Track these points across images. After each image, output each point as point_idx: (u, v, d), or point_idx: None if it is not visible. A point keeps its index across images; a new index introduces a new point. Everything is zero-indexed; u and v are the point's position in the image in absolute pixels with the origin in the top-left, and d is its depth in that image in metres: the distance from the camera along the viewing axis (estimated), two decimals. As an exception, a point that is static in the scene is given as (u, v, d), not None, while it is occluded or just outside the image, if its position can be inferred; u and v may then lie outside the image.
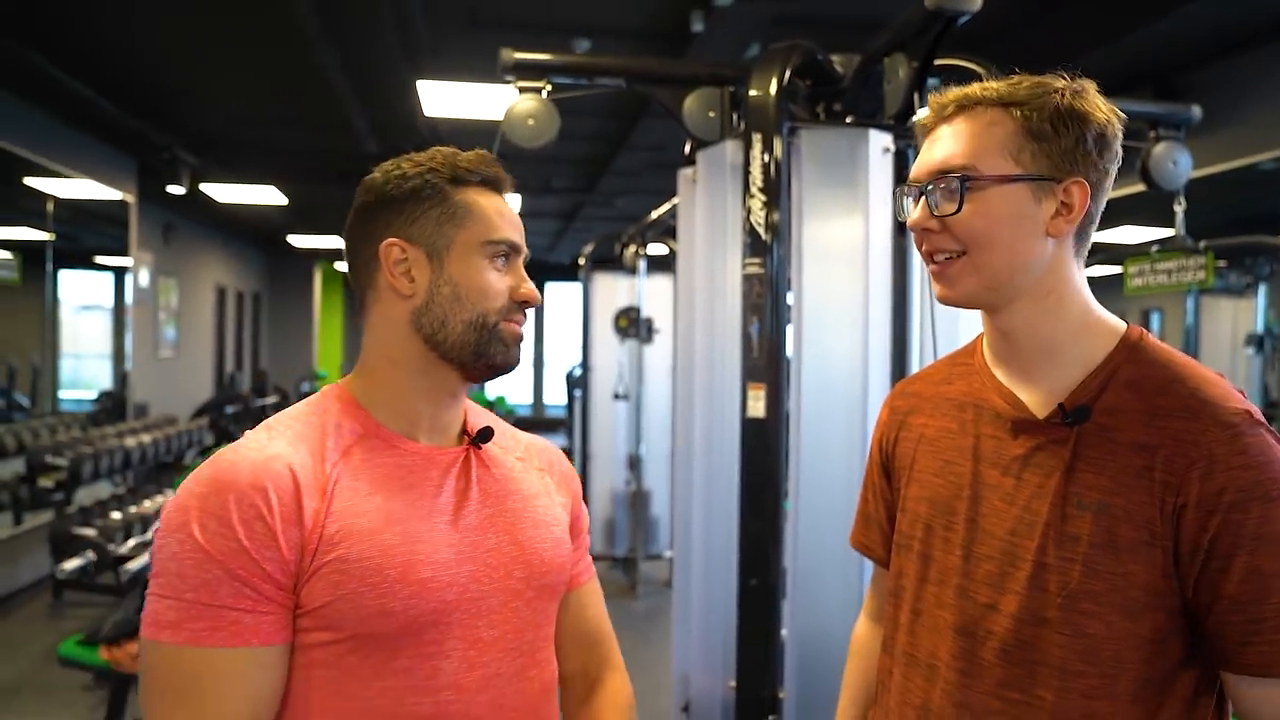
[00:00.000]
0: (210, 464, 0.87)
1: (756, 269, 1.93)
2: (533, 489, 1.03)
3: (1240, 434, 0.85)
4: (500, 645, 0.94)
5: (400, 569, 0.87)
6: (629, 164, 6.59)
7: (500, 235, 0.95)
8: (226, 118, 5.86)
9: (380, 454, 0.93)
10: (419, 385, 0.96)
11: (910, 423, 1.07)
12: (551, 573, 1.00)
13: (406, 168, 0.96)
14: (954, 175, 0.93)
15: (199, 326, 9.74)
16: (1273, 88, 3.85)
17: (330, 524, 0.86)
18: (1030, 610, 0.89)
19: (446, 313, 0.94)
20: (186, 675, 0.82)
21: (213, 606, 0.82)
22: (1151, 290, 3.15)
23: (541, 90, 2.24)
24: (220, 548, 0.82)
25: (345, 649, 0.87)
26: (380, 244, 0.95)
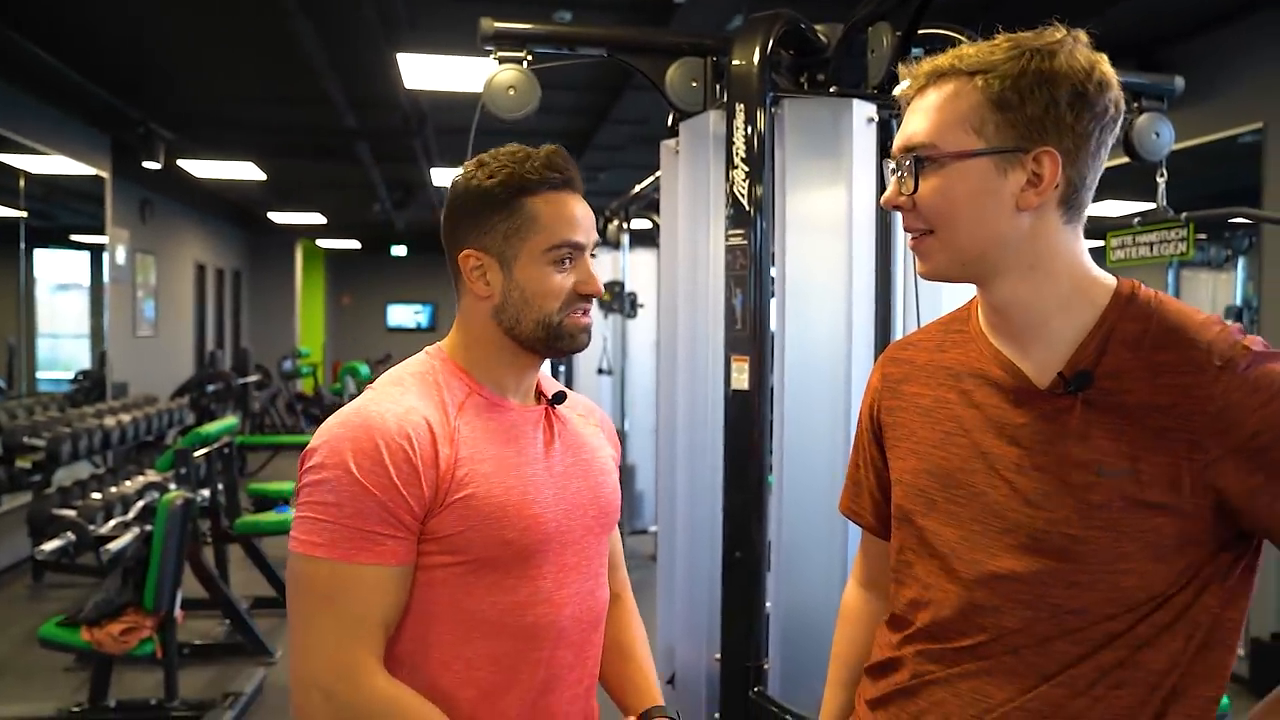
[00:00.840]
0: (357, 413, 1.03)
1: (739, 240, 1.91)
2: (595, 442, 1.22)
3: (1249, 373, 0.84)
4: (579, 570, 1.13)
5: (517, 506, 1.06)
6: (612, 138, 6.54)
7: (559, 239, 1.08)
8: (203, 92, 5.77)
9: (486, 411, 1.10)
10: (505, 359, 1.13)
11: (904, 391, 1.05)
12: (612, 512, 1.20)
13: (481, 177, 1.10)
14: (913, 153, 0.93)
15: (179, 304, 9.64)
16: (1252, 61, 3.85)
17: (460, 468, 1.04)
18: (1060, 576, 0.88)
19: (519, 312, 1.10)
20: (335, 585, 0.99)
21: (364, 530, 0.99)
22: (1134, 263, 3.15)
23: (522, 60, 2.20)
24: (375, 483, 0.99)
25: (465, 570, 1.05)
26: (459, 253, 1.12)
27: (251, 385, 9.10)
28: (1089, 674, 0.88)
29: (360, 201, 9.69)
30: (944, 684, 0.95)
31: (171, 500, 3.26)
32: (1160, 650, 0.87)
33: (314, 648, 1.00)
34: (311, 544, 1.00)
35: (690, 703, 2.17)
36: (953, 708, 0.94)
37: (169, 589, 3.17)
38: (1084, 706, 0.88)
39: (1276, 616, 3.72)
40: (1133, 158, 2.56)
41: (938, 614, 0.96)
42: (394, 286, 15.55)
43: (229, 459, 4.69)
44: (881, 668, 1.04)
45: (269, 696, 3.67)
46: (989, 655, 0.92)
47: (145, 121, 5.82)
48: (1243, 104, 3.89)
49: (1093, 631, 0.88)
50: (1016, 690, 0.90)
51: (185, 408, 6.98)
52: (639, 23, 4.23)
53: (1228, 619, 0.89)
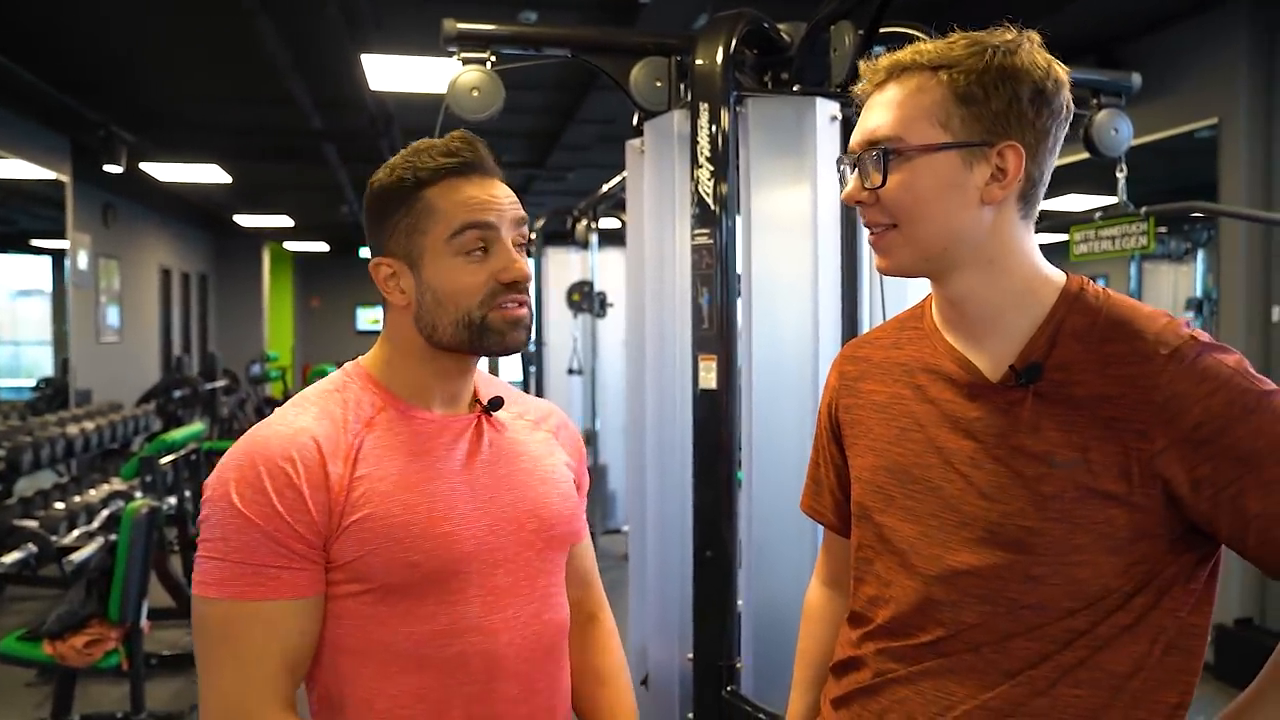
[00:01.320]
0: (245, 439, 0.98)
1: (705, 239, 1.92)
2: (541, 450, 1.12)
3: (1195, 363, 0.85)
4: (516, 591, 1.03)
5: (422, 525, 0.97)
6: (579, 137, 6.53)
7: (459, 224, 0.98)
8: (164, 94, 5.68)
9: (399, 424, 1.02)
10: (430, 368, 1.04)
11: (860, 389, 1.05)
12: (559, 524, 1.09)
13: (381, 176, 1.02)
14: (879, 147, 0.91)
15: (144, 309, 9.50)
16: (1207, 57, 3.92)
17: (355, 488, 0.96)
18: (1017, 570, 0.88)
19: (434, 317, 1.01)
20: (232, 625, 0.93)
21: (254, 565, 0.93)
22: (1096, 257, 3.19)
23: (486, 61, 2.19)
24: (258, 513, 0.93)
25: (374, 598, 0.97)
26: (371, 264, 1.04)
27: (219, 390, 8.99)
28: (1049, 673, 0.88)
29: (327, 204, 9.60)
30: (906, 682, 0.95)
31: (137, 509, 3.21)
32: (1122, 652, 0.87)
33: (215, 693, 0.94)
34: (204, 584, 0.94)
35: (663, 703, 2.17)
36: (915, 706, 0.93)
37: (135, 599, 3.11)
38: (1045, 706, 0.88)
39: (1240, 604, 3.79)
40: (1093, 153, 2.59)
41: (897, 610, 0.96)
42: (363, 289, 15.40)
43: (196, 465, 4.63)
44: (844, 666, 1.04)
45: (240, 706, 3.63)
46: (950, 652, 0.92)
47: (106, 124, 5.73)
48: (1198, 100, 3.95)
49: (1053, 629, 0.88)
50: (978, 688, 0.90)
51: (151, 414, 6.88)
52: (604, 23, 4.22)
53: (1193, 625, 0.89)
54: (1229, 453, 0.83)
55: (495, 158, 1.04)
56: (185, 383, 7.94)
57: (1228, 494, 0.84)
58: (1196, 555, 0.88)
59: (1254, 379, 0.85)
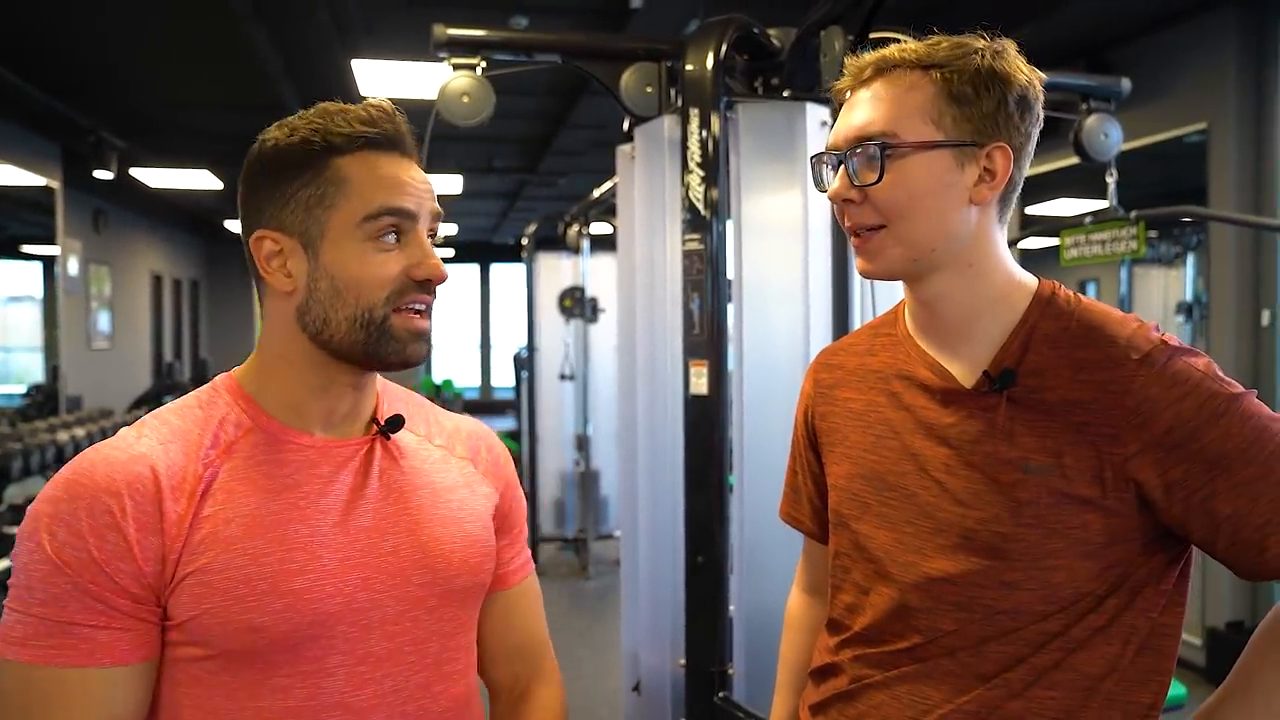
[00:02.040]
0: (69, 466, 0.80)
1: (696, 245, 1.92)
2: (448, 481, 0.94)
3: (1165, 368, 0.85)
4: (398, 659, 0.85)
5: (270, 580, 0.80)
6: (571, 143, 6.53)
7: (379, 205, 0.83)
8: (155, 100, 5.67)
9: (266, 450, 0.84)
10: (311, 381, 0.87)
11: (835, 396, 1.05)
12: (462, 575, 0.90)
13: (277, 134, 0.86)
14: (873, 142, 0.89)
15: (135, 315, 9.46)
16: (1198, 62, 3.94)
17: (196, 530, 0.79)
18: (992, 576, 0.88)
19: (327, 310, 0.84)
20: (35, 696, 0.76)
21: (61, 623, 0.76)
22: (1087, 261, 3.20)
23: (476, 67, 2.19)
24: (69, 559, 0.76)
25: (216, 666, 0.80)
26: (251, 236, 0.86)
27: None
28: (1024, 676, 0.88)
29: (319, 209, 9.58)
30: (882, 687, 0.94)
31: (126, 516, 3.18)
32: (1095, 653, 0.87)
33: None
34: (5, 642, 0.77)
35: (655, 709, 2.17)
36: (891, 710, 0.93)
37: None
38: (1020, 708, 0.88)
39: (1231, 607, 3.80)
40: (1083, 158, 2.60)
41: (874, 617, 0.96)
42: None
43: (187, 472, 4.60)
44: (822, 673, 1.03)
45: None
46: (926, 657, 0.92)
47: (96, 130, 5.71)
48: (1188, 105, 3.97)
49: (1027, 633, 0.88)
50: (954, 692, 0.90)
51: (142, 421, 6.85)
52: (595, 28, 4.23)
53: (1164, 625, 0.89)
54: (1200, 456, 0.83)
55: (415, 136, 0.90)
56: (176, 389, 7.92)
57: (1199, 497, 0.84)
58: (1167, 557, 0.89)
59: (1223, 382, 0.86)
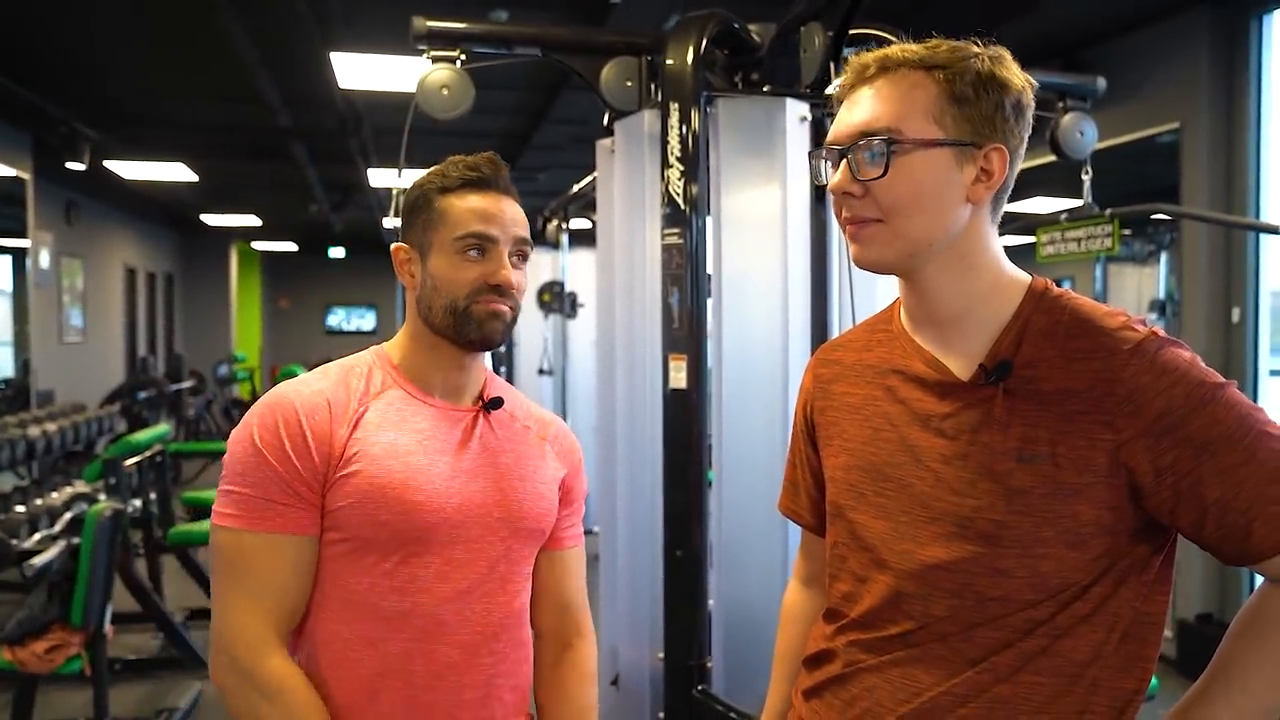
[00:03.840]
0: (270, 394, 1.13)
1: (676, 239, 1.92)
2: (528, 452, 1.22)
3: (1156, 357, 0.88)
4: (473, 567, 1.13)
5: (397, 490, 1.08)
6: (550, 138, 6.51)
7: (464, 231, 1.13)
8: (129, 90, 5.59)
9: (402, 402, 1.15)
10: (429, 356, 1.18)
11: (833, 391, 1.07)
12: (529, 519, 1.18)
13: (422, 178, 1.19)
14: (878, 137, 0.92)
15: (108, 309, 9.34)
16: (1170, 63, 3.98)
17: (351, 447, 1.09)
18: (984, 563, 0.90)
19: (431, 300, 1.15)
20: (242, 553, 1.07)
21: (265, 499, 1.07)
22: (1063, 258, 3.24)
23: (455, 60, 2.18)
24: (273, 453, 1.07)
25: (347, 547, 1.09)
26: (393, 247, 1.20)
27: (186, 391, 8.87)
28: (1012, 661, 0.90)
29: (296, 203, 9.49)
30: (875, 671, 0.97)
31: (100, 511, 3.15)
32: (1080, 640, 0.90)
33: (224, 615, 1.08)
34: (223, 514, 1.08)
35: (634, 703, 2.17)
36: (883, 694, 0.96)
37: (98, 604, 3.06)
38: (1008, 692, 0.90)
39: (1202, 599, 3.86)
40: (1059, 155, 2.63)
41: (870, 604, 0.98)
42: (333, 289, 15.28)
43: (161, 467, 4.55)
44: (816, 659, 1.06)
45: (205, 711, 3.58)
46: (918, 643, 0.94)
47: (68, 120, 5.62)
48: (1161, 104, 4.02)
49: (1015, 619, 0.90)
50: (944, 675, 0.92)
51: (116, 415, 6.77)
52: (575, 22, 4.21)
53: (1148, 613, 0.92)
54: (1189, 442, 0.86)
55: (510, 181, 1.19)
56: (151, 384, 7.83)
57: (1187, 482, 0.86)
58: (1151, 547, 0.91)
59: (1208, 372, 0.89)
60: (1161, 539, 0.92)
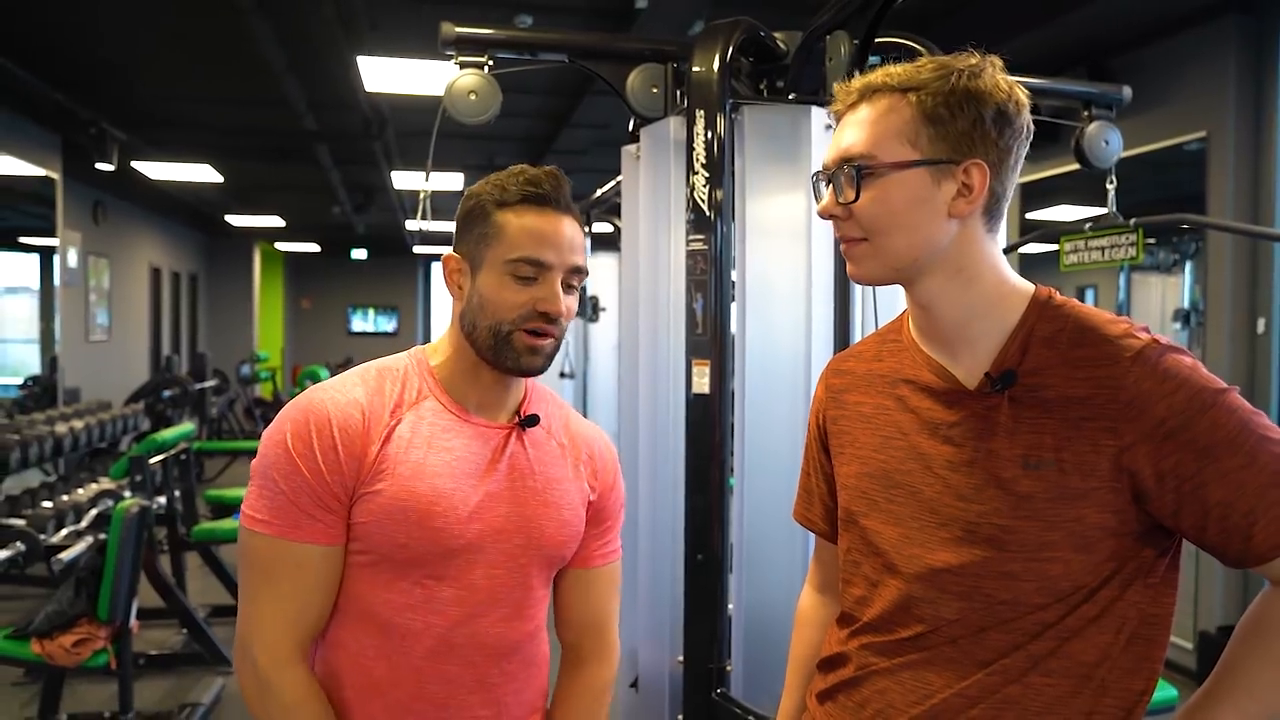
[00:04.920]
0: (306, 396, 1.11)
1: (700, 245, 1.93)
2: (559, 474, 1.19)
3: (1158, 364, 0.89)
4: (489, 593, 1.11)
5: (421, 514, 1.07)
6: (573, 141, 6.54)
7: (519, 254, 1.09)
8: (157, 92, 5.67)
9: (435, 415, 1.12)
10: (468, 370, 1.15)
11: (846, 400, 1.10)
12: (549, 546, 1.16)
13: (476, 188, 1.15)
14: (852, 164, 0.97)
15: (133, 308, 9.46)
16: (1197, 71, 3.96)
17: (381, 463, 1.07)
18: (992, 567, 0.92)
19: (476, 317, 1.12)
20: (273, 560, 1.06)
21: (298, 507, 1.06)
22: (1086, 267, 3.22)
23: (483, 65, 2.20)
24: (306, 464, 1.06)
25: (368, 561, 1.09)
26: (445, 255, 1.16)
27: (209, 390, 8.95)
28: (1021, 663, 0.92)
29: (320, 204, 9.58)
30: (887, 674, 0.99)
31: (126, 508, 3.20)
32: (1089, 642, 0.91)
33: (249, 619, 1.08)
34: (253, 519, 1.07)
35: (653, 706, 2.18)
36: (895, 696, 0.98)
37: (124, 599, 3.11)
38: (1017, 693, 0.92)
39: (1223, 610, 3.82)
40: (1083, 164, 2.62)
41: (882, 608, 1.00)
42: (355, 290, 15.38)
43: (186, 465, 4.61)
44: (830, 662, 1.08)
45: (227, 706, 3.62)
46: (929, 646, 0.96)
47: (97, 121, 5.71)
48: (1188, 113, 3.99)
49: (1024, 622, 0.92)
50: (955, 677, 0.94)
51: (140, 414, 6.84)
52: (600, 28, 4.24)
53: (1154, 615, 0.93)
54: (1191, 446, 0.87)
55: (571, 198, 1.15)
56: (175, 382, 7.92)
57: (1190, 485, 0.88)
58: (1156, 550, 0.93)
59: (1209, 378, 0.90)
60: (1167, 542, 0.93)
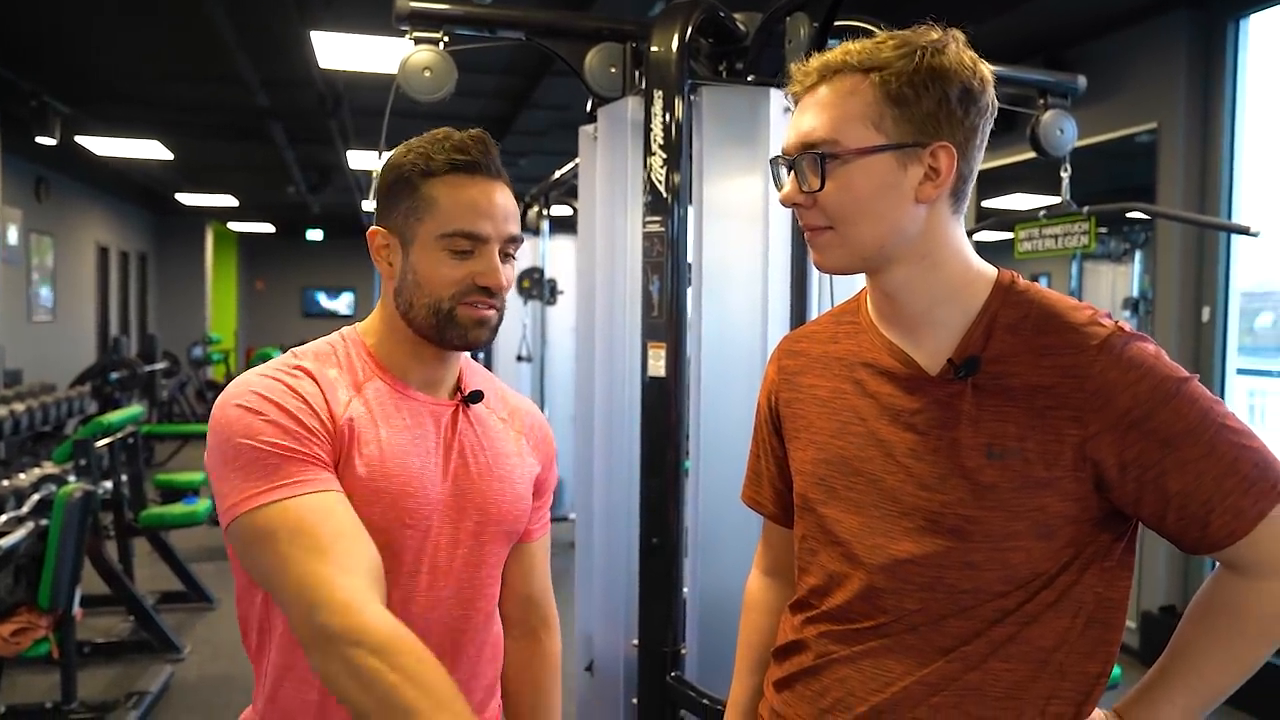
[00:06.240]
0: (253, 374, 1.02)
1: (657, 227, 1.92)
2: (506, 449, 1.16)
3: (1122, 353, 0.89)
4: (447, 571, 1.08)
5: (393, 498, 1.02)
6: (532, 123, 6.48)
7: (453, 228, 1.04)
8: (103, 65, 5.50)
9: (386, 395, 1.07)
10: (408, 349, 1.10)
11: (800, 383, 1.07)
12: (506, 521, 1.14)
13: (397, 156, 1.08)
14: (815, 151, 0.92)
15: (79, 288, 9.21)
16: (1149, 63, 4.02)
17: (350, 439, 1.01)
18: (955, 557, 0.91)
19: (412, 296, 1.06)
20: (294, 525, 0.93)
21: (291, 460, 0.96)
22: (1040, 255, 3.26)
23: (439, 42, 2.16)
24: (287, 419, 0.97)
25: None
26: (369, 230, 1.10)
27: (159, 373, 8.76)
28: (982, 649, 0.91)
29: (274, 184, 9.40)
30: (847, 662, 0.97)
31: (70, 493, 3.11)
32: (1047, 627, 0.91)
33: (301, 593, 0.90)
34: (249, 498, 0.94)
35: (608, 689, 2.18)
36: (855, 684, 0.96)
37: (66, 586, 3.03)
38: (978, 680, 0.92)
39: (1165, 591, 3.92)
40: (1039, 152, 2.65)
41: (842, 599, 0.98)
42: (311, 271, 15.15)
43: (134, 449, 4.51)
44: (786, 650, 1.06)
45: (176, 694, 3.55)
46: (890, 634, 0.95)
47: (39, 94, 5.53)
48: (1140, 105, 4.06)
49: (984, 609, 0.91)
50: (915, 665, 0.93)
51: (87, 396, 6.68)
52: (559, 6, 4.18)
53: (1110, 599, 0.93)
54: (1154, 435, 0.87)
55: (500, 164, 1.09)
56: (123, 364, 7.73)
57: (1152, 474, 0.88)
58: (1113, 534, 0.93)
59: (1172, 366, 0.90)
60: (1123, 526, 0.93)
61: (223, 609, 4.58)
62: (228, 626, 4.33)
